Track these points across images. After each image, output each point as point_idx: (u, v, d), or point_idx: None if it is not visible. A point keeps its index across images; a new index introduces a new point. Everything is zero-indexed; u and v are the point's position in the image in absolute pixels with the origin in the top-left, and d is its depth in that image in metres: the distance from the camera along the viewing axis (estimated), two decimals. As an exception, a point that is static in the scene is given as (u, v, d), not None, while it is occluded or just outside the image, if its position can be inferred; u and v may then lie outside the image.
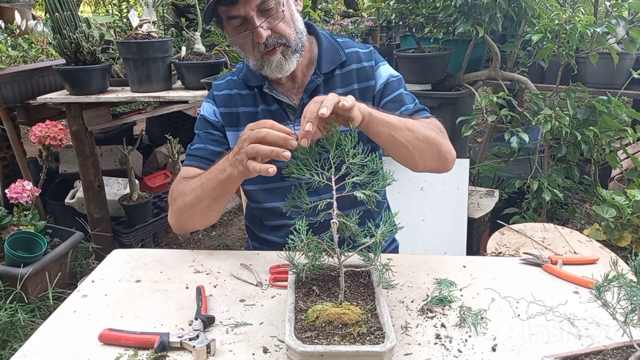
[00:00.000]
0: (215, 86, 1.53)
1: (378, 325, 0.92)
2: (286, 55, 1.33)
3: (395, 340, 0.86)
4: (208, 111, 1.50)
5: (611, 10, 2.63)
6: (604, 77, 2.77)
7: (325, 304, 0.96)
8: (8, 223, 2.46)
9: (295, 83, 1.45)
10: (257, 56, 1.33)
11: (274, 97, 1.43)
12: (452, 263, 1.29)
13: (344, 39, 1.53)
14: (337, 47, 1.47)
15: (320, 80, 1.42)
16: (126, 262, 1.30)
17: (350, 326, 0.91)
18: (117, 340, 0.97)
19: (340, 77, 1.44)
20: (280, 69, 1.34)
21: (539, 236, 1.76)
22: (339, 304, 0.96)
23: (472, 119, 2.55)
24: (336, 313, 0.92)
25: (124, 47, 2.44)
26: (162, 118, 3.94)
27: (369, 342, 0.88)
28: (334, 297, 1.00)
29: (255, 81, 1.44)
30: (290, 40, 1.32)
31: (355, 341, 0.88)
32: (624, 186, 2.57)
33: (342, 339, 0.89)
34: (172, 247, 3.23)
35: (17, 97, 2.77)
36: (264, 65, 1.34)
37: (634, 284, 0.78)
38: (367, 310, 0.96)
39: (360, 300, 1.01)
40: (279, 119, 1.38)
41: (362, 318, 0.93)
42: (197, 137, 1.50)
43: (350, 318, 0.92)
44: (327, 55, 1.44)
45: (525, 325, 1.03)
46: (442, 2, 2.71)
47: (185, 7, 3.86)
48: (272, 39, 1.30)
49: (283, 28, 1.31)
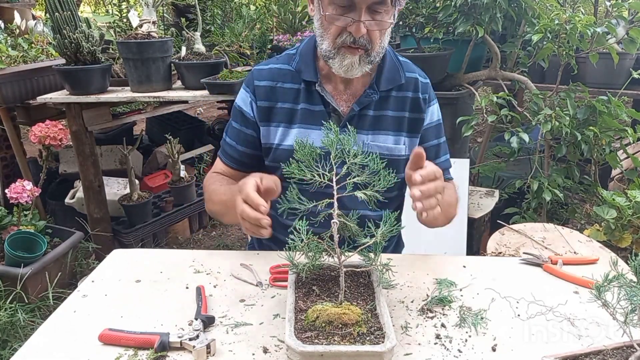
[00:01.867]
0: (257, 73, 1.43)
1: (378, 325, 0.92)
2: (362, 60, 1.27)
3: (395, 340, 0.86)
4: (244, 101, 1.43)
5: (611, 10, 2.63)
6: (604, 77, 2.77)
7: (325, 304, 0.96)
8: (8, 223, 2.46)
9: (348, 89, 1.39)
10: (336, 43, 1.25)
11: (323, 97, 1.36)
12: (452, 263, 1.29)
13: (407, 60, 1.47)
14: (399, 67, 1.41)
15: (377, 97, 1.37)
16: (126, 262, 1.30)
17: (350, 326, 0.91)
18: (117, 341, 0.97)
19: (395, 99, 1.40)
20: (349, 69, 1.28)
21: (539, 236, 1.76)
22: (339, 304, 0.96)
23: (472, 119, 2.55)
24: (336, 313, 0.92)
25: (124, 47, 2.44)
26: (162, 118, 3.94)
27: (369, 342, 0.88)
28: (334, 297, 1.00)
29: (308, 75, 1.37)
30: (374, 49, 1.27)
31: (355, 341, 0.88)
32: (624, 186, 2.57)
33: (342, 339, 0.89)
34: (172, 247, 3.23)
35: (17, 97, 2.77)
36: (337, 57, 1.27)
37: (634, 284, 0.78)
38: (367, 310, 0.96)
39: (361, 300, 1.01)
40: (319, 121, 1.36)
41: (362, 318, 0.93)
42: (232, 128, 1.45)
43: (350, 318, 0.92)
44: (387, 73, 1.38)
45: (525, 325, 1.03)
46: (442, 2, 2.71)
47: (185, 7, 3.85)
48: (362, 39, 1.24)
49: (377, 36, 1.26)
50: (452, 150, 3.11)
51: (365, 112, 1.38)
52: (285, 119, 1.39)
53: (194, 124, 4.25)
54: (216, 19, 3.54)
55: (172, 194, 3.24)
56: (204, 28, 3.14)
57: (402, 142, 1.40)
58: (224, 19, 3.66)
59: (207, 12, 3.50)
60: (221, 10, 3.65)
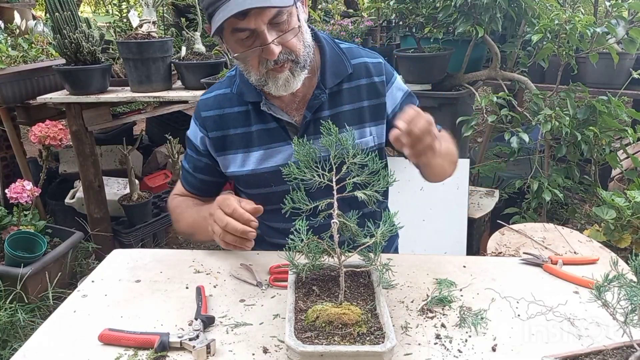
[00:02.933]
0: (202, 104, 1.38)
1: (378, 325, 0.92)
2: (294, 72, 1.21)
3: (395, 340, 0.86)
4: (195, 135, 1.39)
5: (611, 10, 2.63)
6: (604, 77, 2.77)
7: (325, 304, 0.96)
8: (8, 223, 2.46)
9: (295, 97, 1.32)
10: (261, 71, 1.20)
11: (273, 115, 1.31)
12: (452, 263, 1.28)
13: (349, 45, 1.39)
14: (342, 57, 1.33)
15: (325, 97, 1.30)
16: (126, 262, 1.30)
17: (350, 326, 0.91)
18: (117, 341, 0.97)
19: (348, 92, 1.32)
20: (286, 86, 1.22)
21: (539, 236, 1.76)
22: (339, 304, 0.96)
23: (472, 119, 2.55)
24: (336, 313, 0.92)
25: (124, 47, 2.44)
26: (162, 118, 3.94)
27: (369, 342, 0.88)
28: (334, 297, 1.00)
29: (251, 96, 1.31)
30: (300, 55, 1.20)
31: (355, 341, 0.88)
32: (624, 186, 2.57)
33: (342, 339, 0.89)
34: (172, 247, 3.23)
35: (17, 97, 2.77)
36: (269, 82, 1.22)
37: (634, 284, 0.78)
38: (367, 310, 0.96)
39: (360, 300, 1.01)
40: (278, 138, 1.33)
41: (362, 318, 0.93)
42: (188, 156, 1.44)
43: (350, 318, 0.92)
44: (331, 67, 1.31)
45: (525, 325, 1.03)
46: (442, 2, 2.71)
47: (185, 7, 3.86)
48: (282, 55, 1.18)
49: (294, 43, 1.19)
50: (452, 150, 3.13)
51: (320, 114, 1.31)
52: (241, 145, 1.35)
53: (193, 124, 4.25)
54: (216, 19, 3.53)
55: (172, 194, 3.23)
56: (203, 28, 3.14)
57: (367, 133, 1.34)
58: (224, 19, 3.65)
59: (207, 12, 3.49)
60: (221, 10, 3.63)
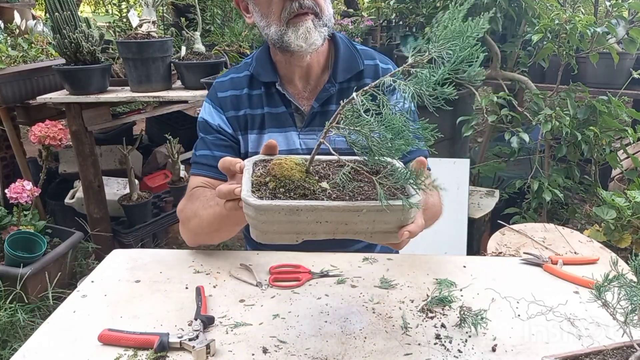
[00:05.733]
0: (219, 85, 1.39)
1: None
2: (316, 25, 1.21)
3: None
4: (210, 116, 1.38)
5: (611, 10, 2.63)
6: (604, 77, 2.77)
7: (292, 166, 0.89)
8: (8, 223, 2.45)
9: (308, 85, 1.35)
10: (283, 20, 1.20)
11: (285, 96, 1.33)
12: (452, 263, 1.28)
13: (365, 47, 1.41)
14: (356, 54, 1.36)
15: (335, 89, 1.33)
16: (126, 262, 1.29)
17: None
18: (117, 341, 0.97)
19: (356, 90, 1.36)
20: (307, 37, 1.20)
21: (539, 236, 1.76)
22: (305, 173, 0.88)
23: (473, 119, 2.55)
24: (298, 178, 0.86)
25: (123, 47, 2.44)
26: (162, 118, 3.94)
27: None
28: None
29: (266, 76, 1.33)
30: (324, 12, 1.22)
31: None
32: (624, 186, 2.57)
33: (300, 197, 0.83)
34: (171, 247, 3.23)
35: (17, 97, 2.77)
36: (289, 31, 1.20)
37: (634, 284, 0.78)
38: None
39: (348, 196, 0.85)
40: (285, 123, 1.33)
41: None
42: (202, 142, 1.38)
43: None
44: (344, 62, 1.33)
45: (526, 325, 1.03)
46: (442, 2, 2.71)
47: (185, 7, 3.85)
48: (308, 1, 1.18)
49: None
50: (452, 150, 3.13)
51: (327, 107, 1.34)
52: (255, 125, 1.35)
53: (194, 124, 4.22)
54: (216, 18, 3.54)
55: (172, 194, 3.23)
56: (203, 28, 3.14)
57: None
58: (223, 18, 3.66)
59: (207, 11, 3.50)
60: (221, 10, 3.65)
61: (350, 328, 1.02)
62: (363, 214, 0.82)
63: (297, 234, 0.84)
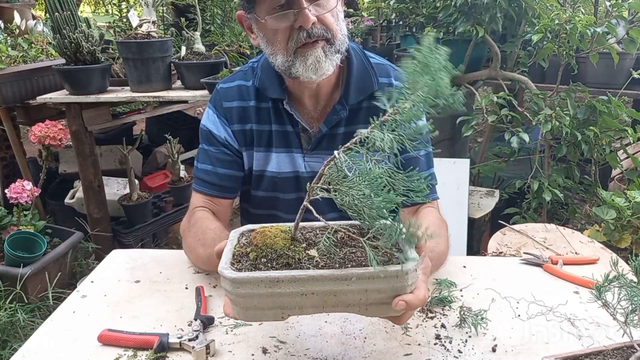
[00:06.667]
0: (224, 92, 1.28)
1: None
2: (327, 52, 1.11)
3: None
4: (215, 126, 1.27)
5: (611, 10, 2.63)
6: (604, 77, 2.77)
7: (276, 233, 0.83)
8: (8, 223, 2.45)
9: (317, 105, 1.25)
10: (290, 49, 1.10)
11: (293, 117, 1.23)
12: (452, 263, 1.28)
13: (380, 61, 1.29)
14: (371, 72, 1.25)
15: (345, 113, 1.22)
16: (126, 263, 1.29)
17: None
18: (117, 341, 0.97)
19: (366, 111, 1.23)
20: (317, 68, 1.10)
21: (540, 236, 1.76)
22: (291, 239, 0.81)
23: (473, 119, 2.55)
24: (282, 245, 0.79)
25: (123, 47, 2.44)
26: (162, 118, 3.94)
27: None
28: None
29: (273, 92, 1.22)
30: (336, 36, 1.11)
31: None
32: (624, 186, 2.57)
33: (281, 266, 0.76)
34: (171, 248, 3.22)
35: (17, 97, 2.76)
36: (296, 62, 1.10)
37: (634, 284, 0.78)
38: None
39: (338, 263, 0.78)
40: (292, 144, 1.26)
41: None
42: (205, 154, 1.28)
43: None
44: (357, 82, 1.22)
45: (526, 325, 1.03)
46: (442, 2, 2.71)
47: (185, 7, 3.85)
48: (317, 30, 1.08)
49: (331, 21, 1.10)
50: (452, 150, 3.13)
51: (335, 130, 1.25)
52: (262, 142, 1.27)
53: (194, 124, 4.25)
54: (216, 18, 3.54)
55: (172, 194, 3.23)
56: (203, 28, 3.14)
57: None
58: (223, 18, 3.67)
59: (207, 11, 3.51)
60: (221, 10, 3.65)
61: (350, 328, 1.02)
62: (352, 283, 0.73)
63: (281, 310, 0.77)
